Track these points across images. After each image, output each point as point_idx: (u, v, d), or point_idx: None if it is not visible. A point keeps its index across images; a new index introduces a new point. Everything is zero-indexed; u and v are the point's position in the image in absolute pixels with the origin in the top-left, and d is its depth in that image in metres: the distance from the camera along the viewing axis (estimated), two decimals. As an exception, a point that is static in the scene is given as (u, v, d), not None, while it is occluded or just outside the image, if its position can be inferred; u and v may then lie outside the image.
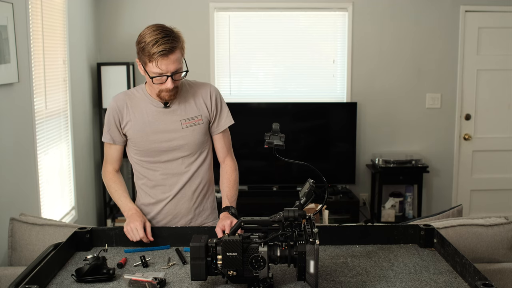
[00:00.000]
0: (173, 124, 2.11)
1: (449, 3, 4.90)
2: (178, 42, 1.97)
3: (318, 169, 1.73)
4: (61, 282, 1.63)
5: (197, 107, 2.14)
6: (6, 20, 2.87)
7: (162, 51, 1.92)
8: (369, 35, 4.92)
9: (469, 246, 2.25)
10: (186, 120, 2.12)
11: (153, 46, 1.92)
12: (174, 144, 2.11)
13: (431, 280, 1.61)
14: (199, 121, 2.13)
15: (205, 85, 2.20)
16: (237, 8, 4.87)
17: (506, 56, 4.96)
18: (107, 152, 2.20)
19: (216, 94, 2.19)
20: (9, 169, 2.96)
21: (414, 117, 5.04)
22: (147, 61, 1.96)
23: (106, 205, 4.79)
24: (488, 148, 5.10)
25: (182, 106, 2.12)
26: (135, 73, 4.81)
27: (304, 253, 1.47)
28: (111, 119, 2.13)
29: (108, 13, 4.79)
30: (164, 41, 1.92)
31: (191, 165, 2.16)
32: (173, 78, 1.98)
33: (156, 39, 1.93)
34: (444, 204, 5.06)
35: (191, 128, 2.12)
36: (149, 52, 1.93)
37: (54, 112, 3.70)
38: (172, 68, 1.96)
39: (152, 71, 1.97)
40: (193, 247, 1.53)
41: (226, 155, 2.24)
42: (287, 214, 1.53)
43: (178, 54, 1.97)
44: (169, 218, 2.18)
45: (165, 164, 2.13)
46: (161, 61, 1.93)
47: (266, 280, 1.53)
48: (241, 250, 1.49)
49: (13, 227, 2.35)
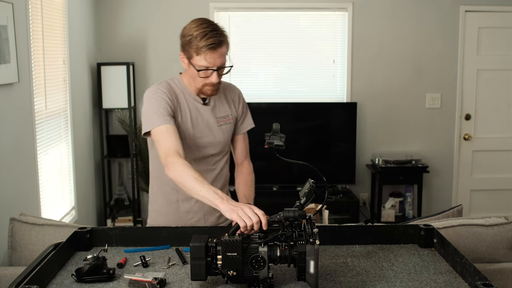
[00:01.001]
0: (211, 121, 2.11)
1: (449, 3, 4.90)
2: (225, 37, 1.98)
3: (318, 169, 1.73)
4: (61, 282, 1.63)
5: (229, 107, 2.17)
6: (6, 20, 2.87)
7: (211, 44, 1.92)
8: (369, 35, 4.92)
9: (469, 246, 2.25)
10: (221, 119, 2.14)
11: (201, 39, 1.92)
12: (210, 141, 2.11)
13: (431, 280, 1.61)
14: (230, 120, 2.16)
15: (232, 86, 2.23)
16: (237, 8, 4.87)
17: (506, 56, 4.96)
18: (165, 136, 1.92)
19: (242, 96, 2.23)
20: (9, 169, 2.96)
21: (414, 117, 5.04)
22: (194, 55, 1.96)
23: (106, 205, 4.79)
24: (488, 148, 5.10)
25: (217, 104, 2.14)
26: (135, 73, 4.81)
27: (304, 253, 1.47)
28: (163, 102, 1.98)
29: (108, 13, 4.79)
30: (212, 35, 1.93)
31: (217, 163, 2.17)
32: (218, 72, 1.99)
33: (205, 32, 1.93)
34: (444, 204, 5.06)
35: (224, 126, 2.14)
36: (197, 45, 1.93)
37: (54, 112, 3.70)
38: (218, 62, 1.97)
39: (198, 64, 1.96)
40: (193, 247, 1.53)
41: (244, 157, 2.26)
42: (287, 214, 1.53)
43: (225, 49, 1.98)
44: (200, 215, 2.16)
45: (197, 160, 2.11)
46: (209, 54, 1.94)
47: (266, 280, 1.53)
48: (241, 250, 1.49)
49: (13, 227, 2.35)
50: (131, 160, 4.72)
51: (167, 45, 4.81)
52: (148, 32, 4.83)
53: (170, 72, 4.81)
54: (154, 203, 2.24)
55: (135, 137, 4.73)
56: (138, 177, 4.81)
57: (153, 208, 2.25)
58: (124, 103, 4.59)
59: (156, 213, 2.24)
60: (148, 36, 4.84)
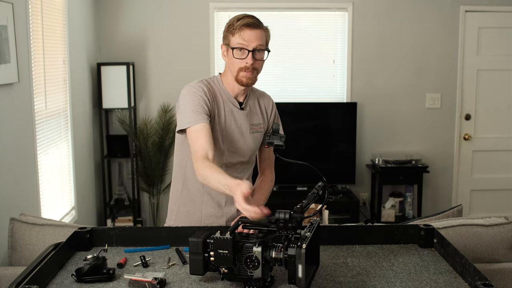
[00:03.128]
0: (244, 127, 2.08)
1: (449, 3, 4.90)
2: (263, 25, 1.99)
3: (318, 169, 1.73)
4: (61, 282, 1.63)
5: (262, 115, 2.15)
6: (6, 20, 2.87)
7: (248, 23, 1.94)
8: (369, 35, 4.92)
9: (469, 246, 2.25)
10: (254, 126, 2.11)
11: (238, 20, 1.95)
12: (238, 146, 2.07)
13: (431, 280, 1.61)
14: (261, 129, 2.13)
15: (266, 95, 2.22)
16: (237, 8, 4.86)
17: (506, 56, 4.96)
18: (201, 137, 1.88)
19: (275, 106, 2.22)
20: (9, 169, 2.96)
21: (414, 117, 5.04)
22: (230, 37, 1.96)
23: (106, 205, 4.80)
24: (488, 148, 5.10)
25: (251, 111, 2.11)
26: (135, 73, 4.81)
27: (293, 257, 1.47)
28: (201, 99, 1.94)
29: (108, 13, 4.79)
30: (250, 17, 1.96)
31: (244, 172, 2.12)
32: (254, 57, 1.95)
33: (243, 16, 1.97)
34: (444, 204, 5.06)
35: (255, 134, 2.11)
36: (234, 25, 1.95)
37: (54, 112, 3.70)
38: (254, 42, 1.94)
39: (234, 42, 1.95)
40: (191, 241, 1.54)
41: (267, 166, 2.22)
42: (278, 216, 1.53)
43: (263, 33, 1.97)
44: (222, 221, 2.11)
45: (225, 165, 2.05)
46: (245, 31, 1.93)
47: (261, 280, 1.53)
48: (232, 248, 1.50)
49: (13, 227, 2.35)
50: (131, 160, 4.72)
51: (167, 45, 4.81)
52: (148, 32, 4.83)
53: (170, 72, 4.83)
54: (175, 202, 2.16)
55: (135, 137, 4.73)
56: (138, 177, 4.81)
57: (174, 207, 2.17)
58: (124, 103, 4.59)
59: (176, 213, 2.17)
60: (148, 36, 4.84)
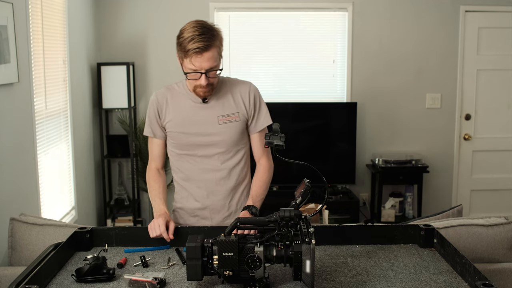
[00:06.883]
0: (210, 119, 2.13)
1: (449, 3, 4.90)
2: (215, 41, 1.98)
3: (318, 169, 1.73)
4: (61, 282, 1.63)
5: (235, 105, 2.16)
6: (6, 20, 2.87)
7: (197, 49, 1.94)
8: (369, 35, 4.92)
9: (469, 246, 2.25)
10: (223, 117, 2.13)
11: (189, 42, 1.95)
12: (210, 140, 2.14)
13: (431, 280, 1.61)
14: (235, 118, 2.15)
15: (245, 83, 2.22)
16: (237, 8, 4.87)
17: (506, 56, 4.96)
18: (150, 148, 2.25)
19: (255, 93, 2.21)
20: (9, 169, 2.96)
21: (414, 117, 5.04)
22: (183, 57, 2.00)
23: (106, 205, 4.79)
24: (488, 148, 5.10)
25: (220, 102, 2.14)
26: (135, 73, 4.81)
27: (300, 253, 1.47)
28: (152, 113, 2.18)
29: (108, 13, 4.79)
30: (200, 39, 1.94)
31: (227, 162, 2.17)
32: (207, 75, 2.00)
33: (193, 36, 1.95)
34: (444, 204, 5.06)
35: (227, 124, 2.14)
36: (185, 48, 1.96)
37: (54, 112, 3.70)
38: (206, 65, 1.98)
39: (187, 67, 2.01)
40: (189, 247, 1.53)
41: (261, 155, 2.24)
42: (283, 214, 1.53)
43: (213, 53, 1.98)
44: (206, 213, 2.20)
45: (201, 158, 2.16)
46: (195, 58, 1.96)
47: (262, 280, 1.53)
48: (237, 250, 1.50)
49: (13, 227, 2.35)
50: (131, 160, 4.72)
51: (167, 45, 4.81)
52: (148, 32, 4.83)
53: (170, 72, 4.83)
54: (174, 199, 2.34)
55: (135, 137, 4.73)
56: (138, 177, 4.81)
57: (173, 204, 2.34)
58: (124, 103, 4.59)
59: (174, 211, 2.33)
60: (148, 36, 4.84)
